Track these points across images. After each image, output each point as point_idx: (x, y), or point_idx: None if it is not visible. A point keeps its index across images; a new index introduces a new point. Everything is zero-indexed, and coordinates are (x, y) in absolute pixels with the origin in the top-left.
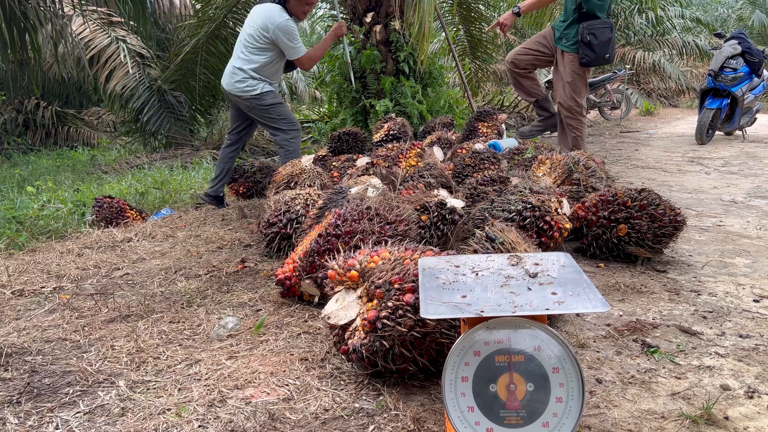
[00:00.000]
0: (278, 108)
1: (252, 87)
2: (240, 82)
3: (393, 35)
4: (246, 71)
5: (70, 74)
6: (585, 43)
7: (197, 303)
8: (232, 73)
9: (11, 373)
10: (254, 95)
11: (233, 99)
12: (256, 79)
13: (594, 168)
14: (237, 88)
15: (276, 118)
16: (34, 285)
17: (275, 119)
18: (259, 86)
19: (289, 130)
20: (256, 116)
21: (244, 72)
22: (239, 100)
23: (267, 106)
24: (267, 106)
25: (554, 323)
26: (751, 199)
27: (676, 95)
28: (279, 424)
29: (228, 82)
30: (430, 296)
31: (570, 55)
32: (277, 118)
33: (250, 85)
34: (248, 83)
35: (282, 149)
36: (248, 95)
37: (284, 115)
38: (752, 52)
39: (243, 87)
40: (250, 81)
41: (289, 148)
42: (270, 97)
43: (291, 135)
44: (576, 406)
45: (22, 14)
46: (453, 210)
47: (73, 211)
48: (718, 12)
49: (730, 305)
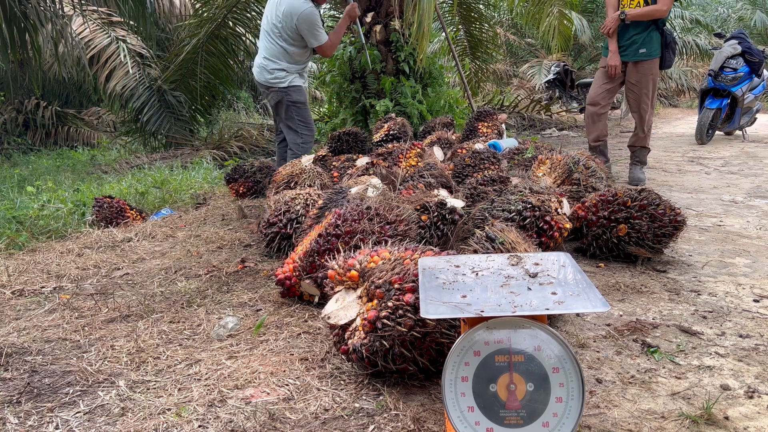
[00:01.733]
0: (300, 108)
1: (281, 79)
2: (269, 72)
3: (393, 35)
4: (274, 61)
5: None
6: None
7: (197, 303)
8: (261, 65)
9: (11, 373)
10: (282, 87)
11: (263, 90)
12: (285, 70)
13: (594, 168)
14: (266, 79)
15: (294, 118)
16: (34, 285)
17: (293, 119)
18: (288, 78)
19: (303, 134)
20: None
21: (272, 62)
22: (268, 92)
23: (291, 103)
24: (291, 103)
25: (554, 323)
26: (751, 199)
27: (676, 95)
28: (279, 424)
29: (259, 74)
30: (430, 296)
31: (649, 62)
32: (296, 118)
33: (279, 77)
34: (277, 74)
35: (290, 152)
36: (277, 87)
37: (303, 118)
38: (752, 52)
39: (271, 78)
40: (279, 72)
41: (297, 152)
42: (296, 93)
43: (303, 140)
44: (576, 406)
45: (22, 14)
46: (453, 210)
47: (73, 211)
48: (717, 12)
49: (730, 305)
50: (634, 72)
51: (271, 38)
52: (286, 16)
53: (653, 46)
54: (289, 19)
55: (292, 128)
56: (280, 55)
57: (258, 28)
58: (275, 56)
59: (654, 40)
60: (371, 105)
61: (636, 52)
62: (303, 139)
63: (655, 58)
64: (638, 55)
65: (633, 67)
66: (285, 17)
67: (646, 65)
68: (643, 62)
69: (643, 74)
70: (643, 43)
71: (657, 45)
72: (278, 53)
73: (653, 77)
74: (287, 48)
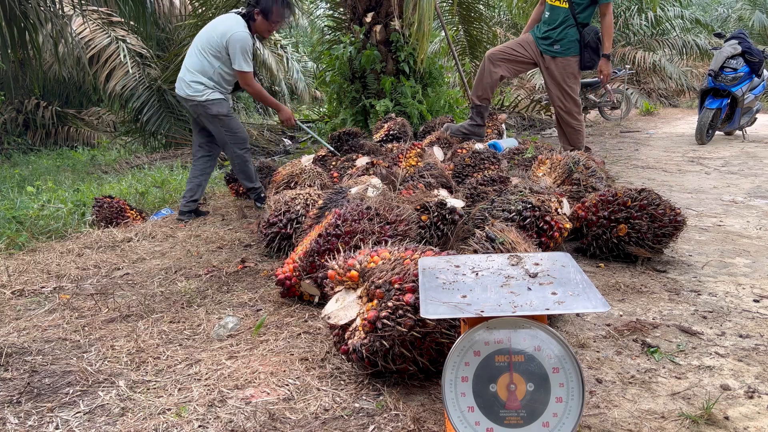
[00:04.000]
0: (224, 120)
1: (199, 92)
2: (188, 86)
3: (393, 35)
4: (194, 74)
5: (70, 74)
6: (591, 48)
7: (197, 303)
8: (181, 77)
9: (11, 373)
10: (201, 101)
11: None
12: (203, 83)
13: (594, 168)
14: (185, 93)
15: (221, 130)
16: (34, 285)
17: (220, 132)
18: (206, 92)
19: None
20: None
21: (192, 74)
22: (189, 106)
23: (213, 116)
24: (213, 116)
25: (554, 323)
26: (751, 199)
27: (676, 95)
28: (279, 424)
29: (179, 88)
30: (430, 296)
31: (565, 59)
32: (222, 130)
33: (197, 90)
34: (195, 87)
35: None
36: (195, 100)
37: (229, 128)
38: (752, 52)
39: (189, 91)
40: (197, 85)
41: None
42: (216, 105)
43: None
44: (576, 406)
45: (22, 14)
46: (453, 210)
47: (73, 211)
48: (717, 12)
49: (730, 305)
50: (550, 67)
51: (202, 54)
52: (222, 34)
53: (566, 44)
54: (223, 38)
55: (223, 141)
56: (204, 70)
57: None
58: (198, 70)
59: (568, 38)
60: (371, 105)
61: (550, 47)
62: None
63: (571, 57)
64: (552, 51)
65: (549, 61)
66: (220, 36)
67: (560, 62)
68: (558, 58)
69: (556, 71)
70: (557, 40)
71: (573, 43)
72: (203, 68)
73: (572, 74)
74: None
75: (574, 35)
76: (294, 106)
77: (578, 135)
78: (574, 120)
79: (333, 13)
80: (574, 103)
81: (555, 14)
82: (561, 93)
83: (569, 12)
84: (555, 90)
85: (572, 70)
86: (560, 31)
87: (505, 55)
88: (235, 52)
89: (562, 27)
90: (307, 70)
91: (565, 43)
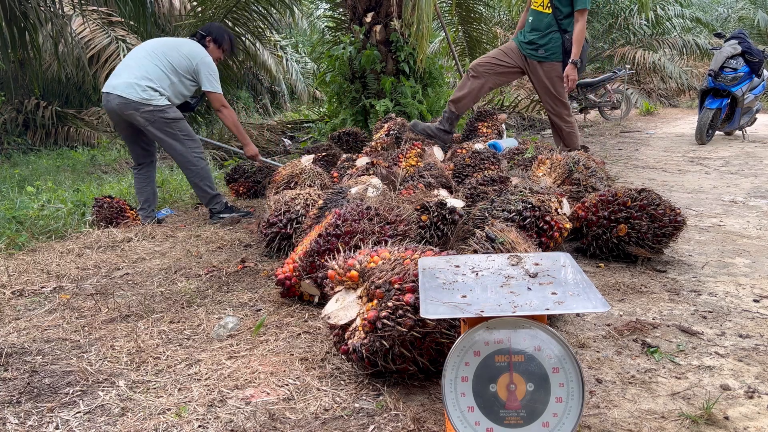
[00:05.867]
0: (179, 122)
1: (155, 98)
2: (143, 89)
3: (393, 35)
4: (151, 80)
5: (70, 74)
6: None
7: (197, 303)
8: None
9: (11, 373)
10: (157, 105)
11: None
12: (158, 91)
13: (594, 168)
14: (140, 96)
15: (177, 133)
16: (34, 285)
17: (175, 133)
18: (161, 99)
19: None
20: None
21: (149, 80)
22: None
23: (170, 119)
24: (170, 119)
25: (554, 323)
26: (751, 199)
27: (676, 95)
28: (279, 424)
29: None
30: (430, 296)
31: (550, 64)
32: (178, 133)
33: (153, 95)
34: (151, 93)
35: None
36: (151, 104)
37: (184, 129)
38: (752, 52)
39: (145, 95)
40: (152, 92)
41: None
42: (171, 110)
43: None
44: (576, 406)
45: (22, 14)
46: (453, 210)
47: (73, 211)
48: (718, 12)
49: (730, 305)
50: (537, 71)
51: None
52: (189, 56)
53: (551, 49)
54: (190, 61)
55: (178, 141)
56: (162, 80)
57: (257, 28)
58: (156, 78)
59: (552, 43)
60: (371, 105)
61: (535, 51)
62: (192, 151)
63: (555, 62)
64: (537, 55)
65: (535, 66)
66: (188, 57)
67: (546, 66)
68: (544, 63)
69: (543, 75)
70: (541, 45)
71: (558, 48)
72: (160, 77)
73: (557, 77)
74: (174, 79)
75: (558, 40)
76: (294, 106)
77: (572, 136)
78: (564, 122)
79: (333, 14)
80: (564, 105)
81: (539, 20)
82: (549, 97)
83: (553, 18)
84: (543, 94)
85: (558, 74)
86: (545, 36)
87: (491, 66)
88: (207, 74)
89: (546, 32)
90: (307, 70)
91: (549, 47)
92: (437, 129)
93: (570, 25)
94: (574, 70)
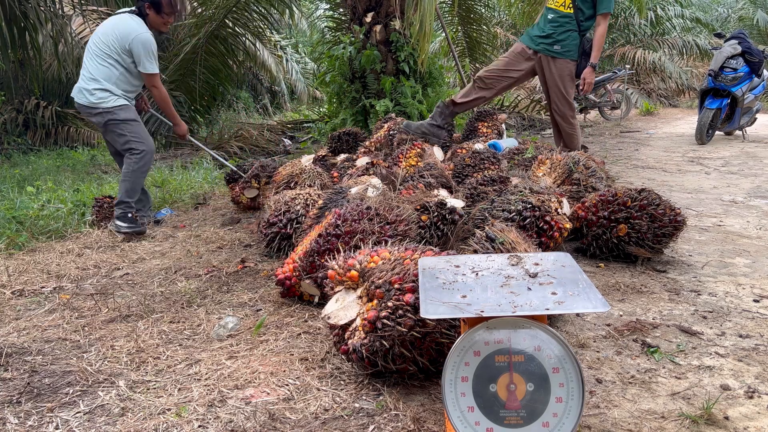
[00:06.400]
0: (131, 124)
1: (103, 99)
2: (91, 93)
3: (393, 35)
4: (98, 81)
5: (70, 74)
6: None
7: (197, 303)
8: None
9: (11, 373)
10: (107, 108)
11: (88, 118)
12: (108, 90)
13: (594, 168)
14: (88, 101)
15: (126, 134)
16: (34, 285)
17: (125, 135)
18: (111, 99)
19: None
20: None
21: (95, 82)
22: (91, 115)
23: (120, 121)
24: (120, 121)
25: (554, 323)
26: (751, 199)
27: (676, 95)
28: (279, 424)
29: (80, 96)
30: (430, 296)
31: (564, 61)
32: (128, 135)
33: (102, 97)
34: (99, 95)
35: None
36: (101, 107)
37: (136, 133)
38: (752, 52)
39: (94, 99)
40: (101, 93)
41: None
42: (123, 111)
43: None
44: (576, 406)
45: (22, 14)
46: (453, 210)
47: (73, 211)
48: (718, 12)
49: (730, 305)
50: (548, 67)
51: (100, 59)
52: (122, 37)
53: (567, 46)
54: (125, 40)
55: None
56: (107, 77)
57: (257, 28)
58: (102, 77)
59: (570, 40)
60: (371, 105)
61: (550, 47)
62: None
63: (570, 60)
64: (552, 51)
65: (547, 61)
66: (121, 38)
67: (559, 63)
68: (557, 59)
69: (555, 71)
70: (559, 40)
71: (574, 47)
72: (105, 75)
73: (569, 76)
74: (116, 70)
75: (576, 39)
76: (294, 106)
77: (572, 138)
78: (567, 123)
79: (333, 14)
80: (569, 106)
81: (558, 18)
82: (557, 95)
83: (574, 18)
84: (552, 92)
85: (570, 73)
86: (564, 32)
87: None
88: (139, 54)
89: (565, 29)
90: (307, 71)
91: (566, 44)
92: (429, 125)
93: (590, 26)
94: (592, 74)
